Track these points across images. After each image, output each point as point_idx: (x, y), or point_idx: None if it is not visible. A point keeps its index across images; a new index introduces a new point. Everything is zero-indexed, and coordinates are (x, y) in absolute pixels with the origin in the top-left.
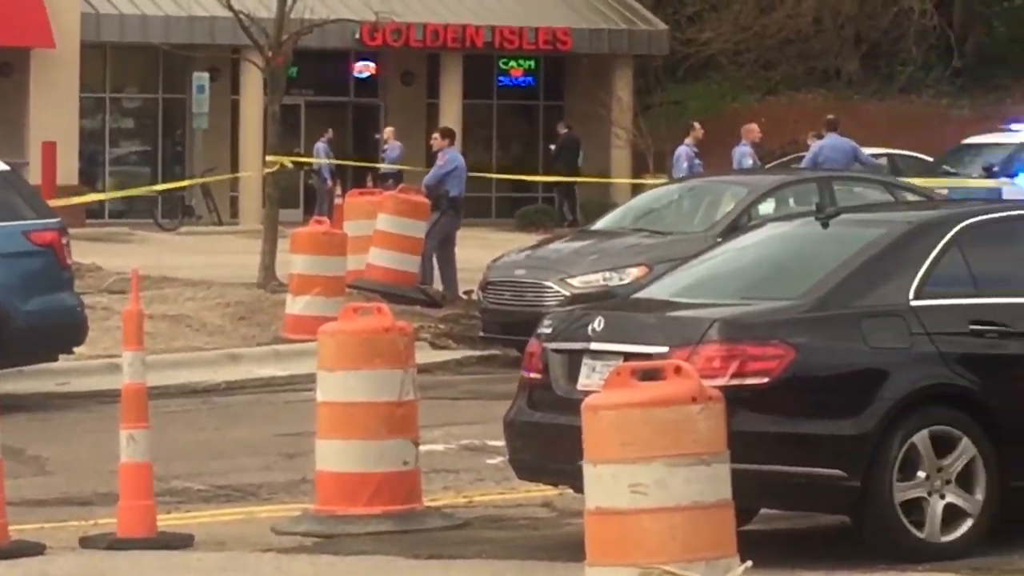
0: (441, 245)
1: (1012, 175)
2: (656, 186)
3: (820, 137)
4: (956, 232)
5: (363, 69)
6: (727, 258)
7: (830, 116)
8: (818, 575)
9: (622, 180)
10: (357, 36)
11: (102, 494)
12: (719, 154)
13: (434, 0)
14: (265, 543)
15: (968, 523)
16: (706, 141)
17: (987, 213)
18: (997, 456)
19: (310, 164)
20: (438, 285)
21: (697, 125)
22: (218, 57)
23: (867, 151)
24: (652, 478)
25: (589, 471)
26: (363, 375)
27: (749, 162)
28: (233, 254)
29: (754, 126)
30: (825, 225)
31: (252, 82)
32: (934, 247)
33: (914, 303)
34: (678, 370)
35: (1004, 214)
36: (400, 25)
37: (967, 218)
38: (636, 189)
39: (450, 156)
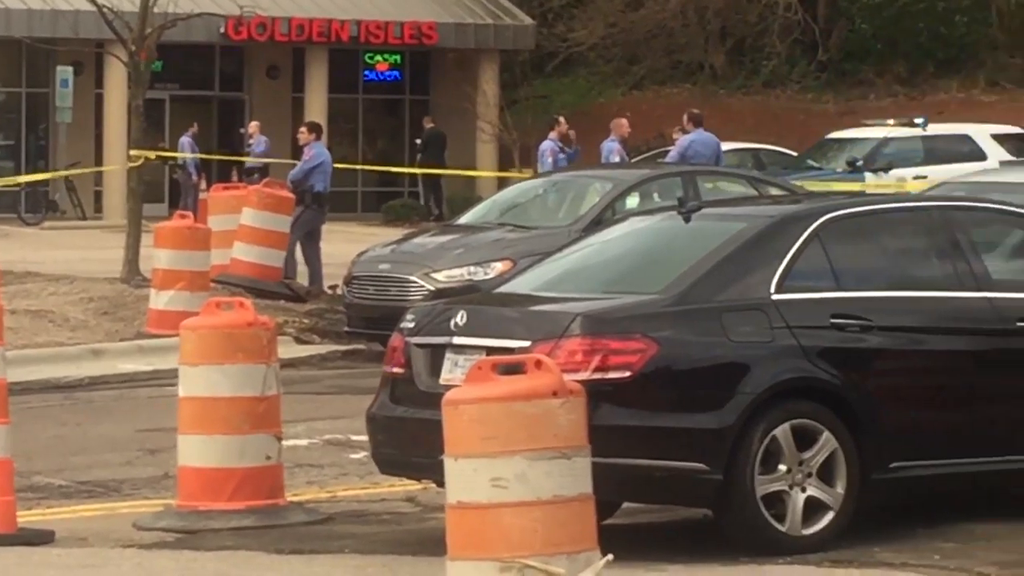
0: (306, 240)
1: (876, 170)
2: (521, 180)
3: (685, 132)
4: (817, 226)
5: (228, 63)
6: (590, 252)
7: (695, 110)
8: (680, 568)
9: (487, 174)
10: (222, 30)
11: None
12: (585, 149)
13: None
14: (127, 539)
15: (829, 516)
16: (573, 136)
17: (848, 207)
18: (858, 449)
19: (175, 158)
20: (303, 280)
21: (562, 120)
22: (82, 51)
23: (732, 145)
24: (513, 472)
25: (450, 465)
26: (225, 370)
27: (616, 158)
28: (97, 249)
29: (623, 121)
30: (687, 219)
31: (116, 76)
32: (795, 241)
33: (775, 297)
34: (539, 364)
35: (865, 208)
36: (265, 19)
37: (828, 212)
38: (502, 183)
39: (316, 151)
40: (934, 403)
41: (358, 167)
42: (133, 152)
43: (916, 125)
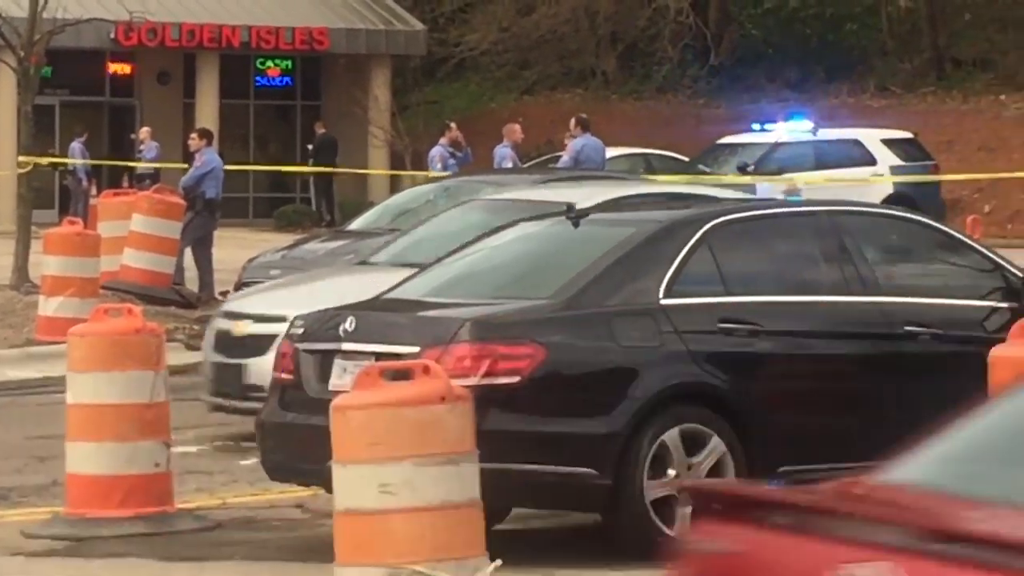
0: (197, 246)
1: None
2: (415, 184)
3: (574, 137)
4: (705, 231)
5: (118, 69)
6: (479, 258)
7: (583, 115)
8: (569, 573)
9: (379, 172)
10: (112, 36)
11: None
12: (477, 154)
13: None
14: (15, 547)
15: None
16: (465, 141)
17: (736, 212)
18: (746, 453)
19: (65, 164)
20: (193, 286)
21: (453, 125)
22: None
23: (623, 150)
24: (401, 478)
25: (338, 472)
26: (113, 377)
27: (509, 163)
28: None
29: (516, 126)
30: (576, 224)
31: (5, 82)
32: (683, 246)
33: (664, 302)
34: (427, 370)
35: (753, 213)
36: (156, 24)
37: (716, 217)
38: (395, 185)
39: (208, 157)
40: (822, 407)
41: (249, 167)
42: (22, 158)
43: (807, 130)
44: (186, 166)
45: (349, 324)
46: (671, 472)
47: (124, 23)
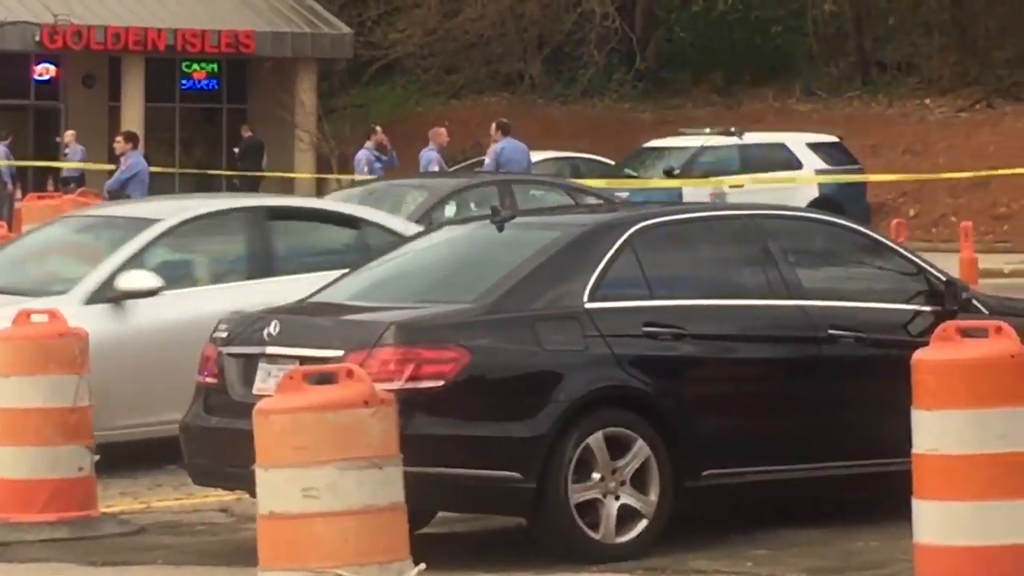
0: None
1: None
2: (340, 187)
3: (496, 141)
4: (630, 235)
5: (43, 72)
6: (404, 261)
7: (503, 119)
8: None
9: (305, 175)
10: (37, 38)
11: None
12: (403, 158)
13: (115, 2)
14: None
15: (643, 524)
16: (391, 145)
17: (661, 216)
18: (671, 457)
19: None
20: None
21: (378, 128)
22: None
23: (550, 154)
24: (324, 482)
25: (262, 476)
26: (36, 381)
27: (435, 167)
28: None
29: (442, 130)
30: (500, 228)
31: None
32: (608, 250)
33: (588, 305)
34: (350, 374)
35: (678, 216)
36: (81, 27)
37: (641, 221)
38: (321, 188)
39: (133, 160)
40: (747, 411)
41: (175, 171)
42: None
43: (732, 134)
44: (112, 169)
45: (273, 328)
46: (595, 476)
47: (49, 26)
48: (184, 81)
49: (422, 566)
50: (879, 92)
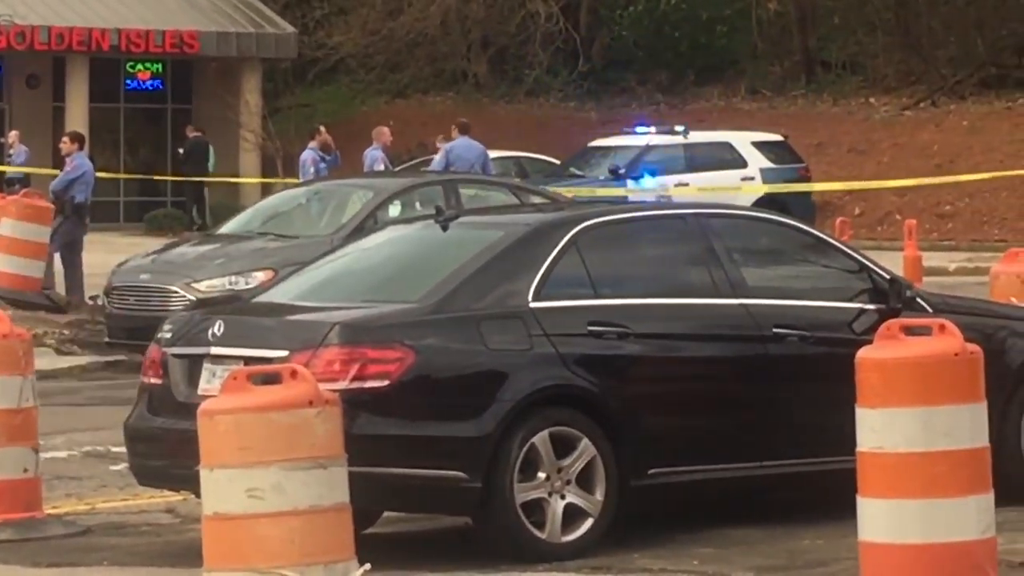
0: (67, 250)
1: (636, 177)
2: (287, 188)
3: (450, 140)
4: (574, 234)
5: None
6: (349, 261)
7: (463, 119)
8: None
9: (251, 180)
10: None
11: None
12: (348, 157)
13: (59, 2)
14: None
15: (588, 523)
16: (336, 145)
17: (605, 215)
18: (616, 456)
19: None
20: (63, 290)
21: (323, 129)
22: None
23: (495, 153)
24: (269, 482)
25: (206, 476)
26: None
27: (380, 166)
28: None
29: (385, 129)
30: (445, 228)
31: None
32: (552, 249)
33: (533, 305)
34: (294, 374)
35: (622, 216)
36: (24, 27)
37: (585, 220)
38: (265, 192)
39: (78, 161)
40: (692, 409)
41: (120, 176)
42: None
43: (677, 133)
44: (56, 171)
45: (218, 328)
46: (541, 475)
47: None
48: (128, 81)
49: (367, 566)
50: (824, 91)
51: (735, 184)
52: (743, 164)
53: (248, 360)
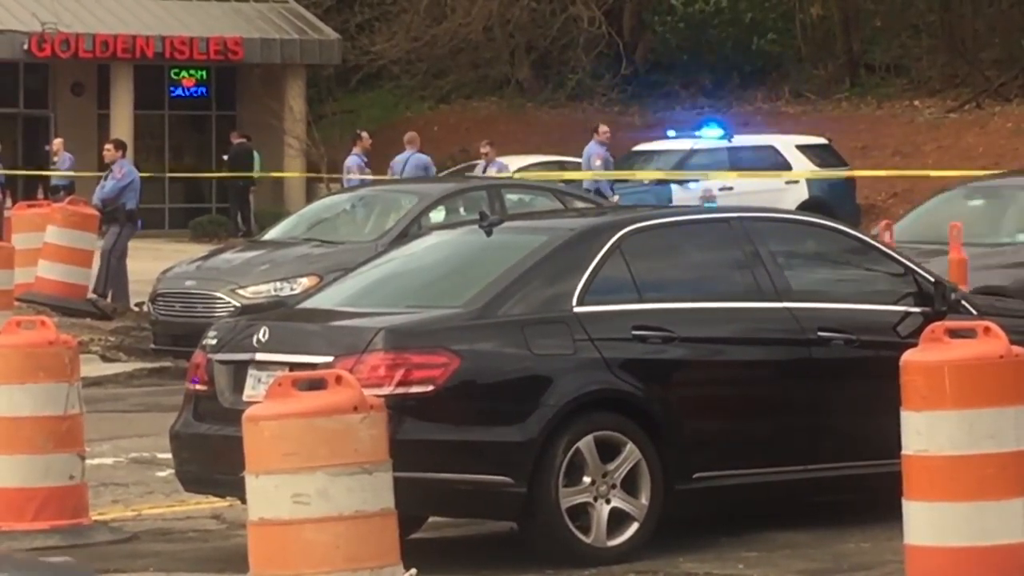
0: (112, 256)
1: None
2: (331, 193)
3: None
4: (618, 239)
5: (32, 81)
6: (393, 267)
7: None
8: None
9: (295, 175)
10: (26, 47)
11: None
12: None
13: (103, 10)
14: None
15: (634, 527)
16: (381, 150)
17: (649, 219)
18: (661, 460)
19: None
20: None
21: (364, 134)
22: None
23: (539, 158)
24: (314, 488)
25: (251, 482)
26: (27, 389)
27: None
28: None
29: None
30: (489, 233)
31: None
32: (596, 254)
33: (577, 309)
34: (339, 379)
35: (665, 220)
36: (69, 35)
37: (629, 224)
38: (310, 194)
39: (128, 168)
40: (736, 413)
41: (165, 175)
42: None
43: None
44: (100, 176)
45: (263, 334)
46: (586, 479)
47: (37, 35)
48: (173, 88)
49: (413, 571)
50: (868, 94)
51: (779, 187)
52: (787, 167)
53: (293, 366)
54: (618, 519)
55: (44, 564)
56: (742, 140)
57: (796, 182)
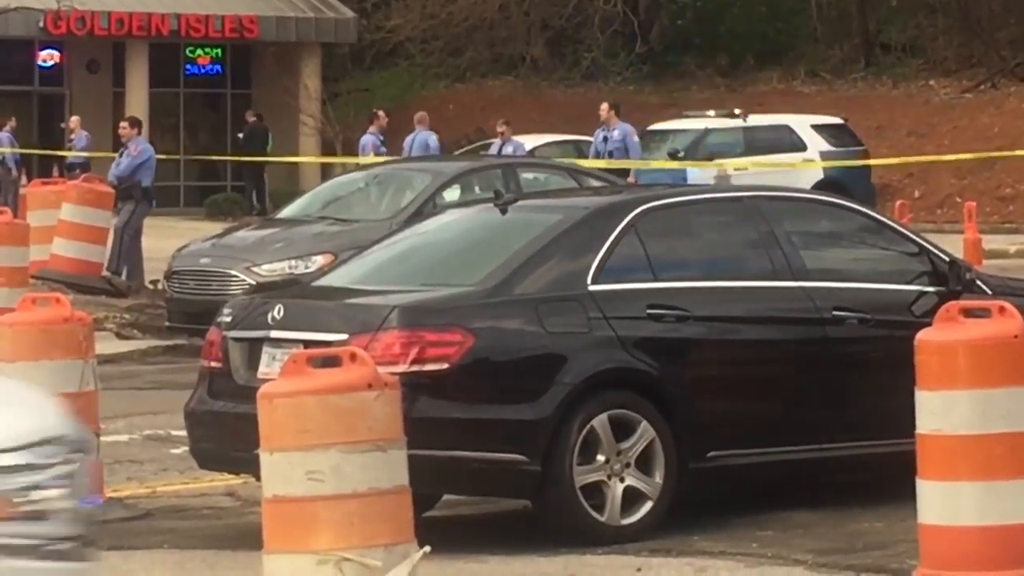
0: (127, 234)
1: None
2: (345, 172)
3: (507, 124)
4: (632, 217)
5: (48, 58)
6: (408, 245)
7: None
8: (499, 560)
9: (310, 159)
10: (41, 24)
11: None
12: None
13: None
14: None
15: (648, 505)
16: (396, 129)
17: (664, 198)
18: (675, 439)
19: None
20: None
21: (380, 113)
22: None
23: (553, 137)
24: (328, 465)
25: (266, 459)
26: (42, 366)
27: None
28: None
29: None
30: (504, 211)
31: None
32: (611, 232)
33: (592, 288)
34: (354, 357)
35: (680, 199)
36: (84, 13)
37: (644, 203)
38: (325, 175)
39: (143, 146)
40: (751, 392)
41: (179, 157)
42: None
43: (736, 116)
44: (115, 155)
45: (277, 312)
46: (600, 458)
47: (53, 12)
48: (188, 66)
49: (427, 549)
50: (883, 74)
51: (792, 162)
52: (802, 147)
53: (307, 343)
54: (632, 498)
55: None
56: (757, 119)
57: (811, 161)
